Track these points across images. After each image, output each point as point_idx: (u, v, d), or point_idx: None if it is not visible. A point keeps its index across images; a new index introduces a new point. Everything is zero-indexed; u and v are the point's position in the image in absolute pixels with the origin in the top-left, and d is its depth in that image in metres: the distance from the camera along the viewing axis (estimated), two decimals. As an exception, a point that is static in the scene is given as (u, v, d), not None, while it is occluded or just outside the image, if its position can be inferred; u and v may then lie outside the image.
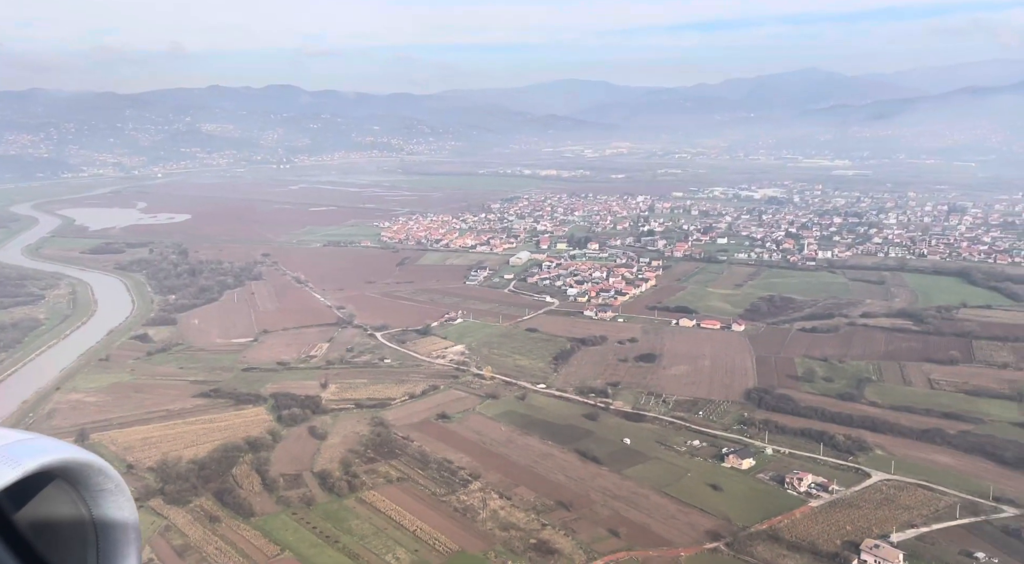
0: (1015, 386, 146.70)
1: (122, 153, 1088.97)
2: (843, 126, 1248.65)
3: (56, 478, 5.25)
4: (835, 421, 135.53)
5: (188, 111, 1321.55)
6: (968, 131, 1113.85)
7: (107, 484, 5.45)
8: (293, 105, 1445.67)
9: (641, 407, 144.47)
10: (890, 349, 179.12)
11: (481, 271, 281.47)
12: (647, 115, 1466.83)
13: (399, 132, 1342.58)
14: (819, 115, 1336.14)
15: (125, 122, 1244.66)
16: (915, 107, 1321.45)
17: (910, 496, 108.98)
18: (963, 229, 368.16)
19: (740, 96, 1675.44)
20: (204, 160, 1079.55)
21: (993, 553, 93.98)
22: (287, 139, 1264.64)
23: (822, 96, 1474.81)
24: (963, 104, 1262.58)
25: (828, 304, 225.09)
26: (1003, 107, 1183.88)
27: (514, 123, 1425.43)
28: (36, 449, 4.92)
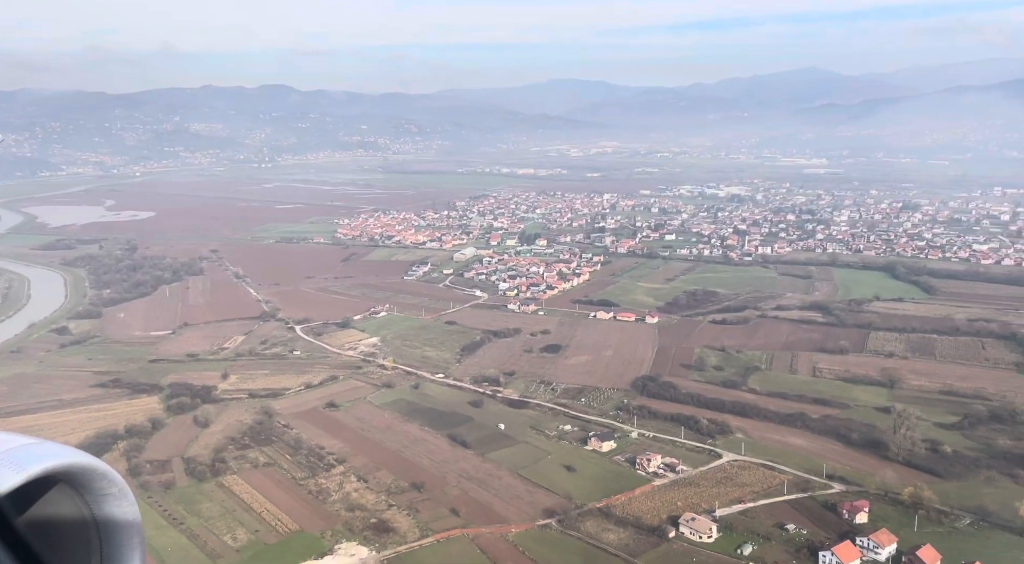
0: (889, 374, 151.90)
1: (105, 152, 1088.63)
2: (829, 125, 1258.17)
3: (60, 482, 5.29)
4: (708, 407, 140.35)
5: (178, 111, 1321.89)
6: (948, 130, 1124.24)
7: (111, 488, 5.44)
8: (283, 105, 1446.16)
9: (528, 395, 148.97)
10: (790, 340, 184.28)
11: (422, 266, 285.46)
12: (640, 115, 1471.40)
13: (386, 131, 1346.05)
14: (809, 114, 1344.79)
15: (113, 122, 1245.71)
16: (902, 106, 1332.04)
17: (750, 475, 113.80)
18: (909, 226, 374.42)
19: (735, 95, 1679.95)
20: (187, 159, 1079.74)
21: (804, 525, 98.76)
22: (274, 138, 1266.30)
23: (816, 95, 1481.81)
24: (950, 103, 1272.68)
25: (748, 297, 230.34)
26: (986, 106, 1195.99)
27: (506, 122, 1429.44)
28: (40, 454, 4.92)
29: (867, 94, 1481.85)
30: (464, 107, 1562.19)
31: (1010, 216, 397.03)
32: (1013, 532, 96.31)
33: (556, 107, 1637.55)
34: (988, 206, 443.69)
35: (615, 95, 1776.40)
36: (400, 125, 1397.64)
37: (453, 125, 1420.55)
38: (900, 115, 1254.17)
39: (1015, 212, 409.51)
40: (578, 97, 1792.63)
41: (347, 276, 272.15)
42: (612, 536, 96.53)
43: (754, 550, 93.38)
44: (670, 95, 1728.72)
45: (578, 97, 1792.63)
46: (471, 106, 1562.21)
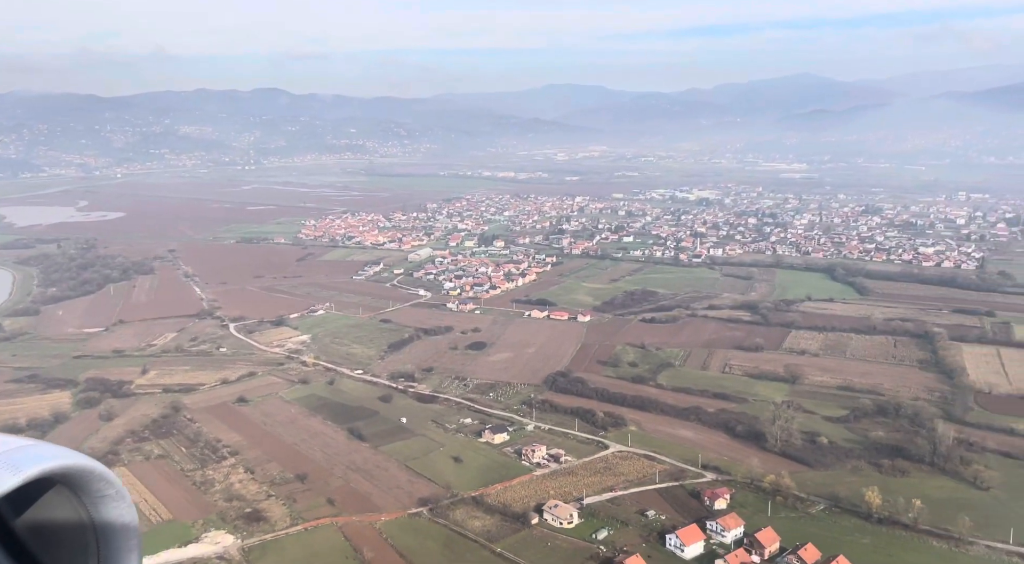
0: (793, 370, 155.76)
1: (91, 154, 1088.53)
2: (816, 131, 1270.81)
3: (57, 484, 5.27)
4: (611, 401, 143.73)
5: (168, 114, 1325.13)
6: (930, 135, 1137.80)
7: (108, 490, 5.43)
8: (274, 108, 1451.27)
9: (440, 390, 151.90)
10: (712, 338, 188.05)
11: (374, 267, 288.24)
12: (634, 119, 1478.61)
13: (375, 135, 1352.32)
14: (798, 120, 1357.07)
15: (103, 124, 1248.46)
16: (889, 112, 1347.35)
17: (630, 465, 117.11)
18: (864, 229, 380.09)
19: (729, 101, 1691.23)
20: (171, 161, 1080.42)
21: (665, 511, 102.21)
22: (262, 141, 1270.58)
23: (809, 101, 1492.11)
24: (935, 109, 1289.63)
25: (685, 297, 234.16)
26: (971, 112, 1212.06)
27: (497, 127, 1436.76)
28: (37, 455, 4.91)
29: (859, 100, 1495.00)
30: (457, 111, 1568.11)
31: (966, 220, 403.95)
32: (859, 517, 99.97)
33: (550, 112, 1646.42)
34: (948, 210, 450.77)
35: (611, 100, 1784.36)
36: (389, 128, 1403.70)
37: (443, 129, 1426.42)
38: (886, 121, 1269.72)
39: (971, 216, 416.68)
40: (574, 102, 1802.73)
41: (297, 276, 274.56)
42: (478, 523, 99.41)
43: (609, 534, 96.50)
44: (664, 100, 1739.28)
45: (574, 102, 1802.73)
46: (464, 110, 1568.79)
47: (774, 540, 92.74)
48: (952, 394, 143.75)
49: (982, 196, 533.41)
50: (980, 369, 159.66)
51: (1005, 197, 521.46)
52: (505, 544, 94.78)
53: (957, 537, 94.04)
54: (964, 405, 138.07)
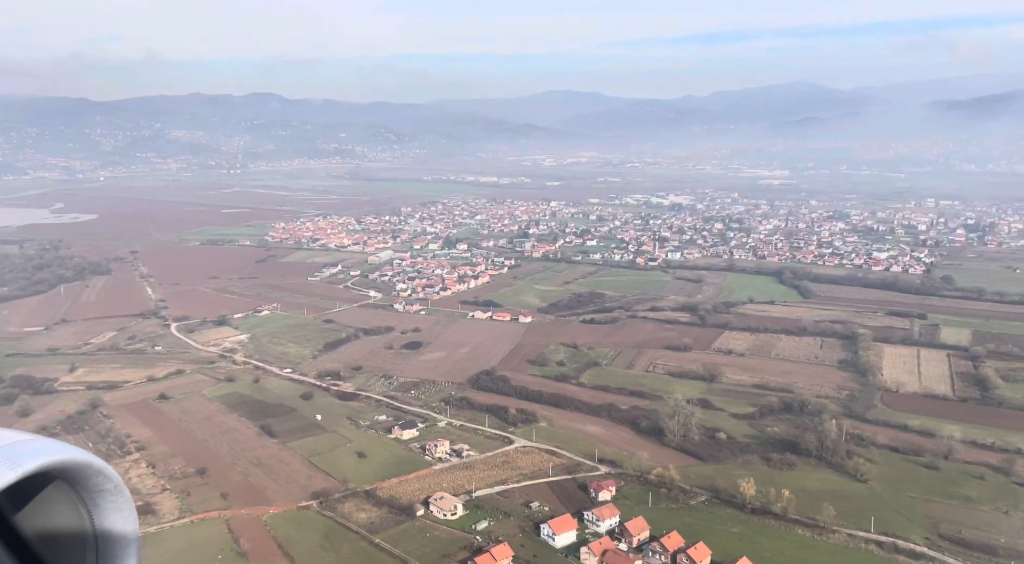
0: (711, 370, 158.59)
1: (78, 158, 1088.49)
2: (804, 138, 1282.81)
3: (56, 479, 5.28)
4: (528, 398, 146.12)
5: (159, 118, 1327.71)
6: (914, 143, 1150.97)
7: (106, 484, 5.44)
8: (267, 112, 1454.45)
9: (364, 388, 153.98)
10: (646, 338, 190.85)
11: (331, 268, 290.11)
12: (628, 126, 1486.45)
13: (364, 140, 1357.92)
14: (788, 127, 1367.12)
15: (93, 128, 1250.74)
16: (878, 120, 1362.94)
17: (529, 459, 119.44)
18: (826, 234, 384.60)
19: (723, 108, 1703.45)
20: (157, 165, 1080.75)
21: (550, 503, 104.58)
22: (252, 145, 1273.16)
23: (802, 109, 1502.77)
24: (924, 117, 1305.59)
25: (632, 299, 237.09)
26: (958, 121, 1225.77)
27: (489, 132, 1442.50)
28: (35, 450, 4.90)
29: (852, 108, 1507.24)
30: (450, 117, 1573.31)
31: (927, 226, 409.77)
32: (735, 507, 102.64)
33: (545, 118, 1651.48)
34: (913, 216, 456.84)
35: (607, 106, 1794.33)
36: (378, 133, 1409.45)
37: (434, 134, 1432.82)
38: (873, 128, 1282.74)
39: (933, 222, 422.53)
40: (571, 108, 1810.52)
41: (252, 277, 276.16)
42: (363, 515, 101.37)
43: (489, 525, 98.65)
44: (659, 107, 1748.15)
45: (571, 108, 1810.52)
46: (457, 116, 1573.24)
47: (644, 529, 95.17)
48: (860, 392, 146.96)
49: (951, 203, 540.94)
50: (896, 369, 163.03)
51: (973, 204, 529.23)
52: (385, 535, 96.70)
53: (822, 526, 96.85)
54: (868, 403, 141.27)
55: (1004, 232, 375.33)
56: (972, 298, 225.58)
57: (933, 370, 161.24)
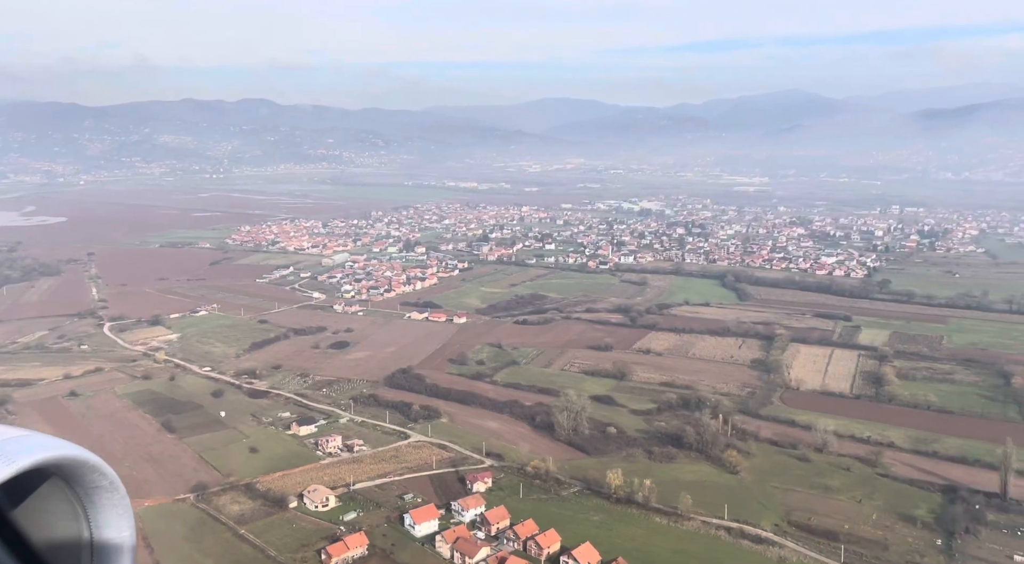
0: (623, 368, 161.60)
1: (62, 162, 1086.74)
2: (790, 145, 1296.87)
3: (52, 476, 5.26)
4: (437, 395, 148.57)
5: (149, 123, 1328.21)
6: (895, 151, 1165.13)
7: (101, 481, 5.41)
8: (257, 118, 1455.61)
9: (278, 386, 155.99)
10: (573, 338, 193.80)
11: (282, 270, 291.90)
12: (620, 133, 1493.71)
13: (352, 145, 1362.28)
14: (776, 135, 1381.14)
15: (82, 132, 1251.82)
16: (864, 128, 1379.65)
17: (417, 453, 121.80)
18: (783, 239, 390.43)
19: (716, 116, 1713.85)
20: (141, 169, 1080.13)
21: (426, 494, 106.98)
22: (240, 150, 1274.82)
23: (793, 117, 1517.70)
24: (910, 126, 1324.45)
25: (572, 301, 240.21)
26: (940, 129, 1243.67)
27: (480, 139, 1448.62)
28: (30, 446, 4.89)
29: (843, 116, 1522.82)
30: (443, 123, 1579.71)
31: (884, 232, 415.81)
32: (602, 497, 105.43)
33: (539, 124, 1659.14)
34: (873, 222, 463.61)
35: (602, 113, 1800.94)
36: (366, 139, 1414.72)
37: (424, 140, 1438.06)
38: (858, 137, 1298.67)
39: (890, 228, 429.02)
40: (567, 115, 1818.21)
41: (201, 278, 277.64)
42: (236, 508, 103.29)
43: (357, 516, 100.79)
44: (653, 115, 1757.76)
45: (567, 115, 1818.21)
46: (450, 122, 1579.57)
47: (503, 517, 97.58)
48: (761, 390, 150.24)
49: (915, 210, 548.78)
50: (805, 368, 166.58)
51: (936, 211, 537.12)
52: (252, 527, 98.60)
53: (679, 513, 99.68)
54: (765, 399, 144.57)
55: (957, 238, 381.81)
56: (902, 301, 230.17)
57: (840, 369, 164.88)
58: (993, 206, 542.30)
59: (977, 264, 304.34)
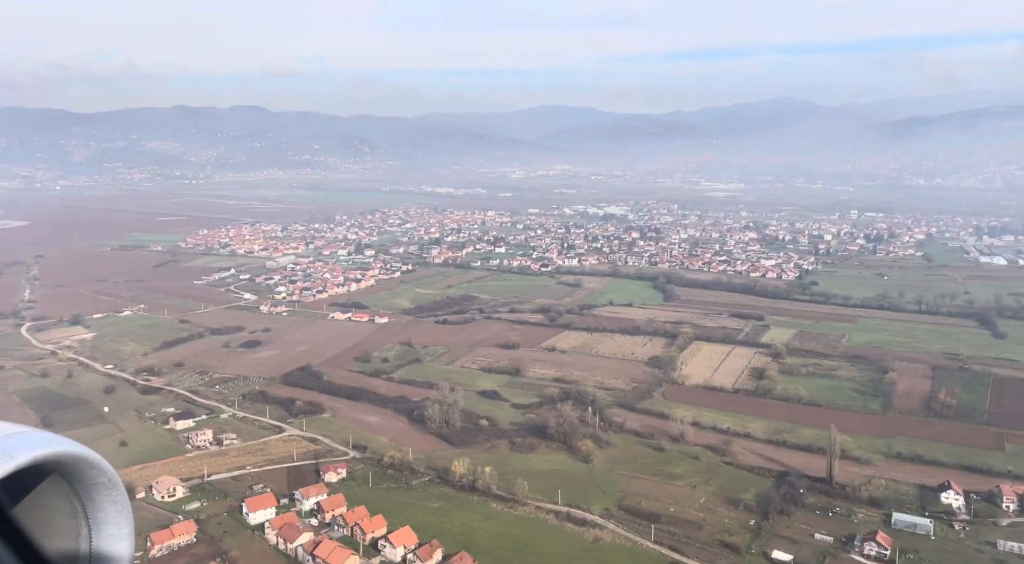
0: (517, 364, 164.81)
1: (43, 168, 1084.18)
2: (773, 152, 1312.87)
3: (52, 473, 5.28)
4: (329, 391, 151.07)
5: (137, 129, 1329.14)
6: (872, 158, 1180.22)
7: (100, 478, 5.42)
8: (246, 124, 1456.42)
9: (173, 383, 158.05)
10: (486, 337, 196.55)
11: (223, 272, 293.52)
12: (614, 139, 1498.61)
13: (338, 151, 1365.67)
14: (763, 142, 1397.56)
15: (69, 139, 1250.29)
16: (847, 135, 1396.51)
17: (285, 446, 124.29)
18: (732, 243, 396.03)
19: (709, 123, 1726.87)
20: (121, 175, 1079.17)
21: (278, 485, 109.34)
22: (225, 156, 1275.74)
23: (784, 124, 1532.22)
24: (893, 132, 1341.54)
25: (501, 301, 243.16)
26: (920, 136, 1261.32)
27: (468, 145, 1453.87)
28: (29, 442, 4.89)
29: (829, 123, 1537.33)
30: (434, 130, 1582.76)
31: (832, 236, 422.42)
32: (449, 485, 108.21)
33: (532, 131, 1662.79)
34: (827, 227, 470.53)
35: (597, 120, 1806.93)
36: (352, 145, 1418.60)
37: (411, 147, 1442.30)
38: (840, 143, 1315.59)
39: (839, 232, 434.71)
40: (561, 122, 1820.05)
41: (140, 280, 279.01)
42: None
43: (201, 506, 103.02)
44: (647, 121, 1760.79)
45: (561, 122, 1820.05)
46: (441, 129, 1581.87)
47: (340, 505, 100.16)
48: (647, 385, 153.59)
49: (874, 214, 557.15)
50: (699, 364, 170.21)
51: (894, 216, 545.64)
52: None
53: (516, 499, 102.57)
54: (646, 394, 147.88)
55: (902, 242, 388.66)
56: (819, 302, 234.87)
57: (732, 365, 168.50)
58: (951, 211, 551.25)
59: (910, 267, 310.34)
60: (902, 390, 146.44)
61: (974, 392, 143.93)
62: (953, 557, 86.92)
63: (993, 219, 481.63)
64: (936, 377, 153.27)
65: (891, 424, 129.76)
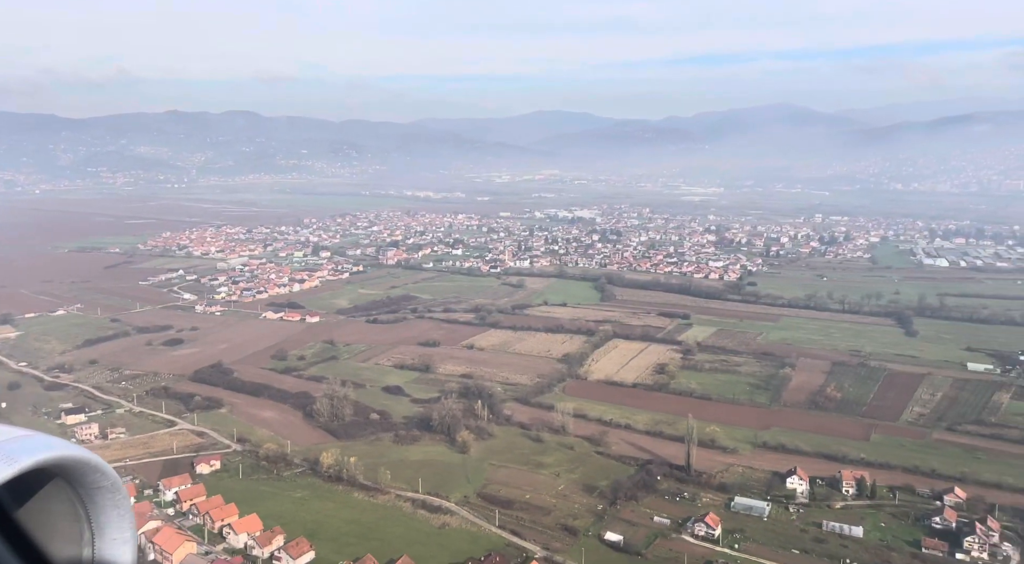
0: (427, 361, 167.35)
1: (26, 171, 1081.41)
2: (758, 157, 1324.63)
3: (55, 477, 5.31)
4: (232, 387, 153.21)
5: (127, 134, 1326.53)
6: (854, 163, 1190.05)
7: (103, 481, 5.43)
8: (237, 129, 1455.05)
9: (80, 379, 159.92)
10: (412, 335, 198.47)
11: (170, 273, 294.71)
12: (604, 145, 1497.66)
13: (326, 156, 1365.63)
14: (751, 147, 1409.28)
15: (58, 143, 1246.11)
16: (835, 140, 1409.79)
17: (170, 440, 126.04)
18: (688, 246, 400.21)
19: (702, 129, 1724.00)
20: (104, 179, 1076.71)
21: (151, 477, 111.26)
22: (213, 161, 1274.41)
23: (776, 129, 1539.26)
24: (878, 138, 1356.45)
25: (439, 301, 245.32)
26: (904, 141, 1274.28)
27: (458, 150, 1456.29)
28: (33, 446, 4.92)
29: (820, 128, 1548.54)
30: (424, 135, 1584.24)
31: (788, 239, 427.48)
32: (317, 476, 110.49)
33: (526, 137, 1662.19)
34: (788, 230, 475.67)
35: (593, 126, 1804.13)
36: (340, 150, 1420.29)
37: (401, 151, 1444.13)
38: (826, 148, 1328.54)
39: (796, 235, 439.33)
40: (556, 127, 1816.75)
41: (86, 281, 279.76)
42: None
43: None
44: (642, 127, 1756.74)
45: (556, 127, 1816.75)
46: (433, 134, 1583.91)
47: (199, 494, 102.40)
48: (550, 380, 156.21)
49: (839, 218, 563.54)
50: (610, 361, 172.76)
51: (858, 219, 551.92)
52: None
53: (378, 488, 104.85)
54: (546, 388, 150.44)
55: (856, 244, 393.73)
56: (750, 302, 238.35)
57: (642, 362, 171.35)
58: (916, 215, 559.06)
59: (854, 268, 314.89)
60: (795, 385, 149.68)
61: (863, 386, 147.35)
62: (776, 536, 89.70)
63: (952, 223, 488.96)
64: (833, 372, 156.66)
65: (771, 416, 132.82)
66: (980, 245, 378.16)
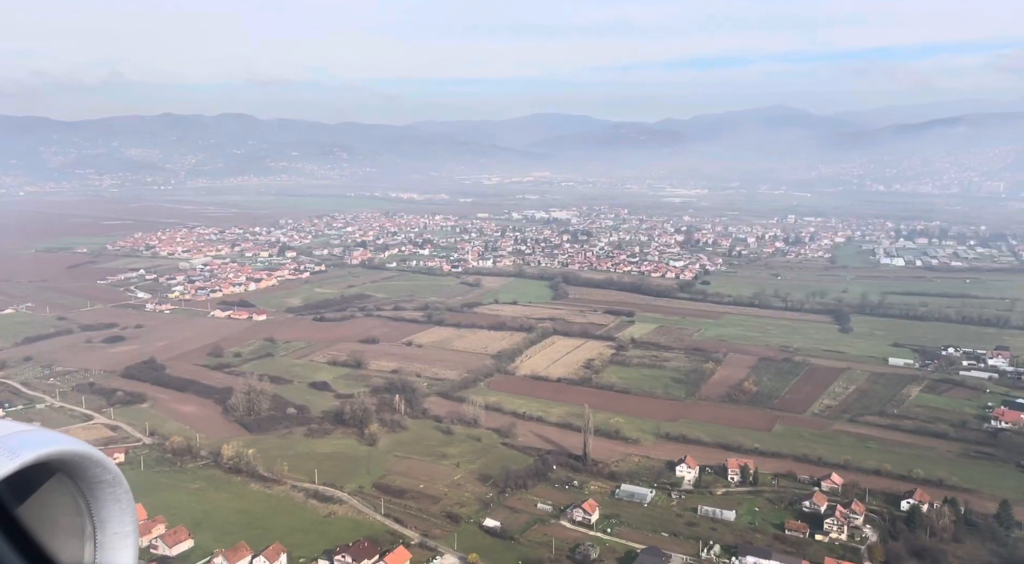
0: (359, 357, 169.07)
1: (14, 174, 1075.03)
2: (748, 159, 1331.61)
3: (56, 471, 5.30)
4: (160, 383, 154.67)
5: (119, 137, 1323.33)
6: (838, 165, 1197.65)
7: (104, 475, 5.43)
8: (229, 132, 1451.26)
9: (11, 376, 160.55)
10: (354, 333, 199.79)
11: (130, 273, 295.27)
12: (599, 147, 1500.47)
13: (317, 158, 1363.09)
14: (742, 149, 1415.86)
15: (49, 145, 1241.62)
16: (822, 142, 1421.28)
17: (81, 434, 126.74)
18: (654, 245, 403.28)
19: (698, 130, 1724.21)
20: (91, 181, 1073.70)
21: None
22: (203, 163, 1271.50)
23: (772, 132, 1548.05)
24: (866, 140, 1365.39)
25: (392, 300, 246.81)
26: (891, 143, 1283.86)
27: (451, 152, 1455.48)
28: (34, 440, 4.92)
29: (817, 131, 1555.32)
30: (420, 137, 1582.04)
31: (755, 239, 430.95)
32: (220, 468, 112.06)
33: (522, 139, 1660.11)
34: (758, 230, 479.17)
35: (590, 128, 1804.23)
36: (331, 152, 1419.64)
37: (393, 153, 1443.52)
38: (816, 151, 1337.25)
39: (761, 236, 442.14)
40: (553, 130, 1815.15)
41: (43, 280, 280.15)
42: None
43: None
44: (638, 130, 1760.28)
45: (553, 130, 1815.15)
46: (428, 137, 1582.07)
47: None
48: (478, 376, 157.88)
49: (812, 219, 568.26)
50: (543, 357, 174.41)
51: (830, 220, 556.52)
52: None
53: (275, 479, 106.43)
54: (471, 383, 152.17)
55: (821, 244, 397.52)
56: (697, 300, 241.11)
57: (574, 357, 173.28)
58: (888, 216, 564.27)
59: (811, 268, 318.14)
60: (716, 379, 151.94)
61: (781, 380, 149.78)
62: (651, 520, 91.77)
63: (921, 223, 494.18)
64: (756, 367, 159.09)
65: (682, 409, 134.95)
66: (942, 245, 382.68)
